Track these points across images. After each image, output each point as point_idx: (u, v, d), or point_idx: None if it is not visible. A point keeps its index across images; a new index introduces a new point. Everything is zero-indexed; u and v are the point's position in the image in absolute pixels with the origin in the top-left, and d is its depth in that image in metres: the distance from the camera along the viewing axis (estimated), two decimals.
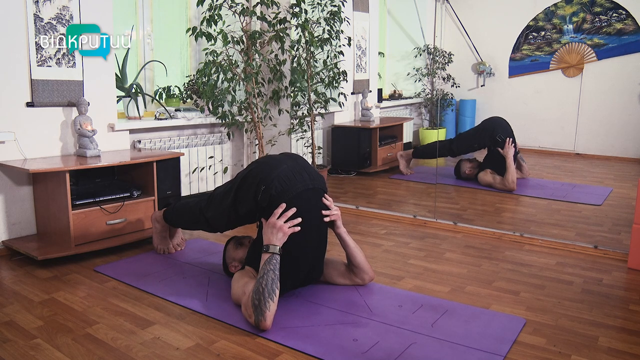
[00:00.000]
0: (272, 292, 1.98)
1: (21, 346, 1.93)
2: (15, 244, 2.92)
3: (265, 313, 1.96)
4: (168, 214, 2.86)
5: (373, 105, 5.53)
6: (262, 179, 2.18)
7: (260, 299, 1.97)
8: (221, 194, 2.41)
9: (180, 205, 2.79)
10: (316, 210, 2.25)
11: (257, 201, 2.18)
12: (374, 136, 5.16)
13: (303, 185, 2.20)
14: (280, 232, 2.10)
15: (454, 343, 1.93)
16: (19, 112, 2.96)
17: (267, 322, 1.97)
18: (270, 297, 1.97)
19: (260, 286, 1.99)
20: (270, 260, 2.05)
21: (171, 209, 2.85)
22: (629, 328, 2.06)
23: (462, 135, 4.86)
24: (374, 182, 5.00)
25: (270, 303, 1.97)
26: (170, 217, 2.85)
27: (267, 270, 2.03)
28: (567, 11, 4.89)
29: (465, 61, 5.73)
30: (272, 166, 2.22)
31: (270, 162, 2.26)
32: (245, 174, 2.28)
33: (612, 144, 4.13)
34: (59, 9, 3.06)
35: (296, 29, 4.09)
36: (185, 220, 2.77)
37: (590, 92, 4.74)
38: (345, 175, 5.12)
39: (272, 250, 2.07)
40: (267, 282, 1.99)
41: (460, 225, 3.47)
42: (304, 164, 2.31)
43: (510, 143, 4.39)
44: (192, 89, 4.03)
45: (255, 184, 2.19)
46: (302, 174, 2.23)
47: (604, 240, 3.12)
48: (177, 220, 2.84)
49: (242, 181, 2.27)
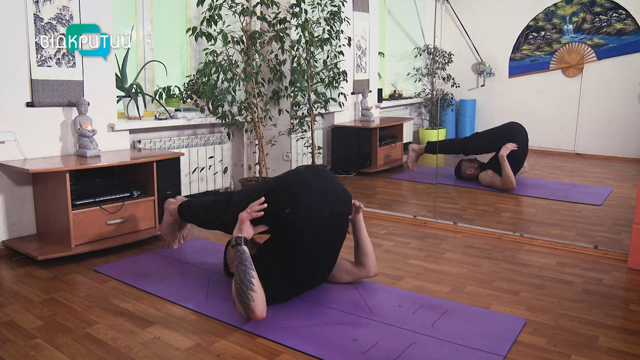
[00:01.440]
0: (248, 283, 2.00)
1: (21, 346, 1.93)
2: (15, 244, 2.92)
3: (250, 304, 1.98)
4: (183, 210, 2.82)
5: (373, 105, 5.52)
6: (289, 199, 2.10)
7: (241, 294, 2.00)
8: (242, 201, 2.31)
9: (197, 204, 2.75)
10: (336, 236, 2.26)
11: (278, 222, 2.12)
12: (374, 136, 5.16)
13: (329, 211, 2.15)
14: (238, 223, 2.16)
15: (454, 343, 1.93)
16: (19, 112, 2.96)
17: (257, 312, 1.99)
18: (249, 289, 1.99)
19: (236, 283, 2.02)
20: (236, 253, 2.09)
21: (187, 205, 2.81)
22: (629, 328, 2.06)
23: (479, 135, 4.77)
24: (374, 182, 5.00)
25: (251, 293, 1.99)
26: (185, 212, 2.82)
27: (237, 264, 2.06)
28: (567, 11, 4.89)
29: (465, 61, 5.72)
30: (301, 187, 2.14)
31: (300, 182, 2.17)
32: (270, 189, 2.19)
33: (612, 144, 4.13)
34: (59, 9, 3.05)
35: (296, 29, 4.09)
36: (201, 220, 2.73)
37: (590, 92, 4.74)
38: (345, 175, 5.11)
39: (231, 242, 2.15)
40: (240, 277, 2.02)
41: (460, 225, 3.47)
42: (333, 184, 2.24)
43: (511, 146, 4.38)
44: (192, 89, 4.03)
45: (281, 204, 2.11)
46: (329, 197, 2.16)
47: (604, 240, 3.12)
48: (191, 217, 2.80)
49: (267, 195, 2.17)
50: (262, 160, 4.03)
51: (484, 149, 4.64)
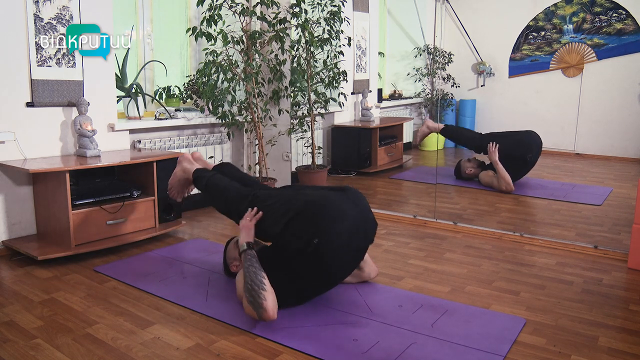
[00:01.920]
0: (260, 283, 1.99)
1: (21, 346, 1.93)
2: (15, 244, 2.92)
3: (263, 304, 1.97)
4: (199, 183, 2.65)
5: (373, 105, 5.53)
6: (319, 230, 2.02)
7: (253, 294, 1.98)
8: (267, 207, 2.24)
9: (215, 187, 2.54)
10: (357, 261, 2.28)
11: (300, 245, 2.04)
12: (374, 136, 5.16)
13: (356, 244, 2.14)
14: (244, 230, 2.20)
15: (454, 343, 1.93)
16: (19, 112, 2.96)
17: (269, 312, 1.97)
18: (261, 288, 1.98)
19: (247, 284, 2.01)
20: (245, 257, 2.11)
21: (205, 183, 2.59)
22: (629, 328, 2.06)
23: (495, 136, 4.61)
24: (374, 182, 5.00)
25: (262, 293, 1.97)
26: (201, 187, 2.64)
27: (246, 267, 2.06)
28: (567, 11, 4.89)
29: (465, 61, 5.72)
30: (332, 219, 2.04)
31: (332, 212, 2.06)
32: (302, 209, 2.09)
33: (612, 144, 4.13)
34: (59, 9, 3.05)
35: (296, 29, 4.09)
36: (215, 203, 2.59)
37: (590, 92, 4.74)
38: (345, 175, 5.12)
39: (241, 249, 2.16)
40: (251, 278, 2.01)
41: (460, 225, 3.47)
42: (364, 211, 2.17)
43: (495, 147, 4.35)
44: (192, 89, 4.03)
45: (308, 232, 2.03)
46: (360, 230, 2.11)
47: (604, 240, 3.12)
48: (205, 194, 2.65)
49: (297, 215, 2.08)
50: (262, 160, 4.03)
51: (498, 151, 4.50)
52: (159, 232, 3.21)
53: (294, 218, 2.09)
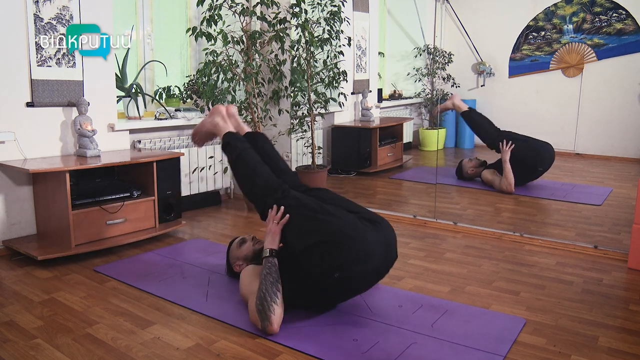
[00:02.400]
0: (273, 295, 1.96)
1: (21, 346, 1.93)
2: (15, 244, 2.92)
3: (270, 318, 1.94)
4: (229, 151, 2.43)
5: (373, 105, 5.53)
6: (344, 266, 1.96)
7: (263, 304, 1.95)
8: (294, 207, 2.15)
9: (245, 165, 2.34)
10: (374, 283, 2.20)
11: (321, 272, 2.00)
12: (374, 136, 5.16)
13: (377, 275, 2.12)
14: (269, 235, 2.12)
15: (454, 343, 1.93)
16: (19, 112, 2.96)
17: (274, 327, 1.95)
18: (273, 301, 1.95)
19: (261, 292, 1.97)
20: (265, 264, 2.05)
21: (236, 154, 2.37)
22: (629, 328, 2.06)
23: (512, 136, 4.49)
24: (374, 182, 5.00)
25: (273, 306, 1.94)
26: (229, 155, 2.44)
27: (265, 274, 2.02)
28: (567, 11, 4.89)
29: (465, 61, 5.72)
30: (361, 259, 1.97)
31: (364, 249, 1.97)
32: (331, 238, 1.98)
33: (612, 144, 4.13)
34: (59, 9, 3.05)
35: (296, 29, 4.09)
36: (241, 182, 2.39)
37: (590, 92, 4.74)
38: (345, 175, 5.12)
39: (265, 254, 2.08)
40: (267, 287, 1.97)
41: (460, 225, 3.47)
42: (393, 251, 2.12)
43: (509, 147, 4.32)
44: (192, 89, 4.03)
45: (333, 265, 1.96)
46: (383, 265, 2.08)
47: (604, 240, 3.12)
48: (232, 167, 2.44)
49: (323, 242, 1.99)
50: None
51: (513, 151, 4.36)
52: (159, 232, 3.21)
53: (320, 244, 1.99)
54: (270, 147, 2.55)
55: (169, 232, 3.35)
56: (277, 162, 2.45)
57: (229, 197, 4.40)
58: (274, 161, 2.45)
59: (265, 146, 2.52)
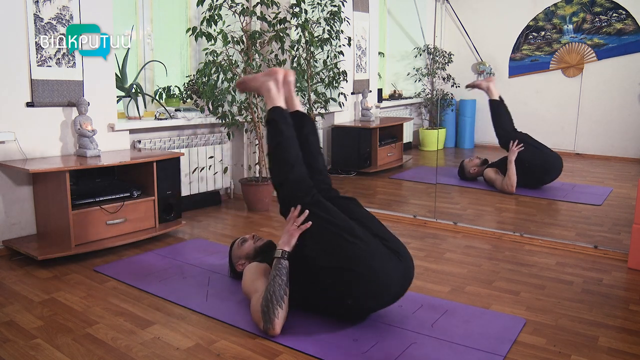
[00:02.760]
0: (280, 298, 1.93)
1: (21, 346, 1.93)
2: (15, 244, 2.92)
3: (273, 321, 1.93)
4: (270, 130, 2.22)
5: (373, 105, 5.53)
6: (358, 297, 1.95)
7: (269, 305, 1.93)
8: (318, 224, 2.04)
9: (282, 155, 2.17)
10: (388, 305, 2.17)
11: (333, 295, 1.99)
12: (374, 136, 5.16)
13: (392, 303, 2.10)
14: (286, 235, 2.04)
15: (454, 343, 1.93)
16: (19, 112, 2.96)
17: (276, 329, 1.94)
18: (279, 304, 1.93)
19: (268, 293, 1.95)
20: (276, 265, 1.99)
21: (277, 141, 2.18)
22: (629, 328, 2.06)
23: (525, 139, 4.38)
24: (374, 182, 5.00)
25: (278, 310, 1.93)
26: (269, 134, 2.23)
27: (274, 275, 1.97)
28: (567, 11, 4.89)
29: (465, 61, 5.72)
30: (377, 294, 1.96)
31: (382, 286, 1.95)
32: (351, 268, 1.91)
33: (612, 144, 4.12)
34: (59, 9, 3.05)
35: (296, 29, 4.09)
36: (273, 169, 2.22)
37: (590, 92, 4.74)
38: (345, 175, 5.12)
39: (277, 254, 2.02)
40: (274, 289, 1.94)
41: (460, 225, 3.47)
42: (409, 283, 2.09)
43: (517, 147, 4.27)
44: (192, 89, 4.03)
45: (348, 293, 1.95)
46: (399, 295, 2.07)
47: (604, 240, 3.12)
48: (269, 149, 2.24)
49: (341, 268, 1.93)
50: (262, 160, 4.03)
51: (522, 153, 4.29)
52: (159, 232, 3.21)
53: (342, 271, 1.92)
54: (314, 140, 2.34)
55: (169, 232, 3.35)
56: (316, 160, 2.29)
57: (229, 197, 4.40)
58: (313, 157, 2.28)
59: (310, 138, 2.31)
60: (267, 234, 3.36)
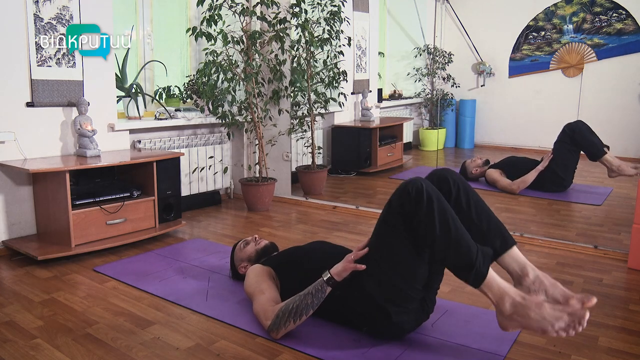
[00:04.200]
0: (299, 316, 1.90)
1: (21, 346, 1.93)
2: (15, 244, 2.92)
3: (280, 329, 1.92)
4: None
5: (373, 105, 5.53)
6: (379, 332, 1.95)
7: (285, 315, 1.90)
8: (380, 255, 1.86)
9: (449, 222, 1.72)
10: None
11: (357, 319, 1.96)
12: (374, 136, 5.16)
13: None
14: (342, 265, 1.86)
15: (454, 343, 1.93)
16: (19, 112, 2.96)
17: (278, 336, 1.94)
18: (294, 320, 1.90)
19: (293, 305, 1.90)
20: (317, 286, 1.88)
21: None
22: (629, 328, 2.06)
23: (568, 158, 4.26)
24: (374, 182, 5.00)
25: (290, 324, 1.91)
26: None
27: (309, 294, 1.88)
28: (567, 11, 4.90)
29: (465, 61, 5.73)
30: (391, 336, 1.95)
31: (402, 334, 1.96)
32: (393, 316, 1.85)
33: (612, 144, 4.13)
34: (59, 9, 3.06)
35: (296, 29, 4.09)
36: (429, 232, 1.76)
37: (590, 92, 4.74)
38: (345, 175, 5.12)
39: (324, 275, 1.87)
40: (300, 306, 1.89)
41: None
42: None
43: (548, 159, 4.18)
44: (192, 89, 4.03)
45: (373, 326, 1.92)
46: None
47: (604, 240, 3.12)
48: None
49: (389, 308, 1.84)
50: (262, 160, 4.04)
51: (568, 155, 4.22)
52: (159, 232, 3.21)
53: (380, 307, 1.84)
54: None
55: (169, 232, 3.35)
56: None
57: (229, 197, 4.40)
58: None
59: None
60: (267, 234, 3.36)
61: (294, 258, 2.21)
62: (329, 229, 3.47)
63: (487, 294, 1.72)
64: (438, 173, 1.93)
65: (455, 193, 1.87)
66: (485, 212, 1.86)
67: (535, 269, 1.82)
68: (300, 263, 2.15)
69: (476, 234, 1.78)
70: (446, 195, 1.82)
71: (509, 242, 1.84)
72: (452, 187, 1.87)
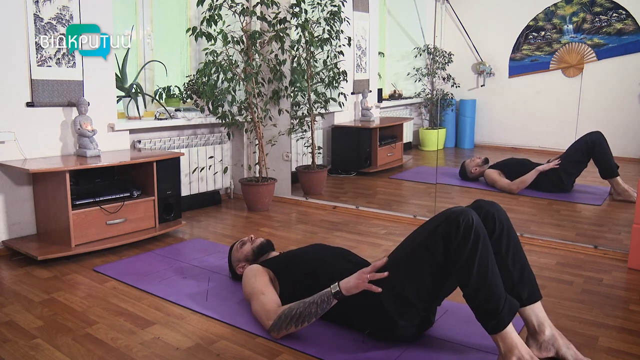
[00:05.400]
0: (300, 322, 1.90)
1: (21, 346, 1.93)
2: (15, 244, 2.92)
3: (281, 331, 1.92)
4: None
5: (373, 105, 5.53)
6: (382, 337, 1.95)
7: (287, 319, 1.91)
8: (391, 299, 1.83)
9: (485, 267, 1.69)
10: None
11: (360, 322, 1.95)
12: (374, 136, 5.16)
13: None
14: (354, 280, 1.83)
15: (453, 343, 1.93)
16: (19, 112, 2.96)
17: (279, 336, 1.95)
18: (296, 325, 1.90)
19: (297, 311, 1.90)
20: (323, 297, 1.87)
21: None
22: (629, 328, 2.06)
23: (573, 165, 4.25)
24: (374, 182, 5.00)
25: (292, 328, 1.91)
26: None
27: (313, 302, 1.88)
28: (567, 11, 4.90)
29: (465, 61, 5.73)
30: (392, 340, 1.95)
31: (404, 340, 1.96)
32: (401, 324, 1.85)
33: (612, 144, 4.13)
34: (59, 9, 3.06)
35: (296, 29, 4.09)
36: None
37: (590, 92, 4.74)
38: (345, 175, 5.12)
39: (333, 289, 1.85)
40: (304, 313, 1.89)
41: None
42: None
43: (554, 164, 4.19)
44: (192, 89, 4.03)
45: (377, 328, 1.93)
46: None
47: (604, 240, 3.12)
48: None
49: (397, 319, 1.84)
50: (262, 160, 4.04)
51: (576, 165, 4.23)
52: (159, 232, 3.21)
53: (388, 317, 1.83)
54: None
55: (169, 232, 3.35)
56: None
57: (229, 197, 4.40)
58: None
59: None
60: (267, 234, 3.36)
61: (293, 262, 2.21)
62: (329, 229, 3.47)
63: (498, 342, 1.70)
64: (486, 208, 1.91)
65: (498, 234, 1.84)
66: (520, 260, 1.86)
67: (552, 327, 1.81)
68: (300, 267, 2.14)
69: (507, 279, 1.78)
70: (489, 232, 1.80)
71: (536, 295, 1.83)
72: (497, 226, 1.85)
